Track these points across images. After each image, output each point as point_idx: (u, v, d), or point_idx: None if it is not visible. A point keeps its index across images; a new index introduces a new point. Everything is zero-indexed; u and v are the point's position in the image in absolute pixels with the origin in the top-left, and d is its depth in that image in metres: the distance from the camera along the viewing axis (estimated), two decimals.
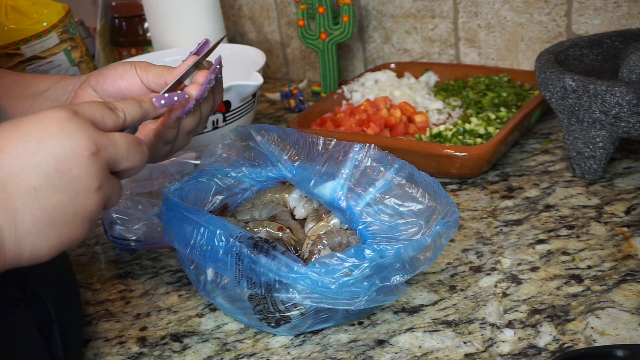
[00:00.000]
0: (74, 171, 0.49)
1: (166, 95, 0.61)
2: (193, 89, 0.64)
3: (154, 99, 0.59)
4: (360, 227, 0.66)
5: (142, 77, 0.67)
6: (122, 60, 0.69)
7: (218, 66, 0.65)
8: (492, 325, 0.65)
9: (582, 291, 0.68)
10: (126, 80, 0.67)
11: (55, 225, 0.49)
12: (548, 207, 0.83)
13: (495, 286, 0.70)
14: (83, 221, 0.51)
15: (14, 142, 0.48)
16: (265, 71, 1.47)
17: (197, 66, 0.65)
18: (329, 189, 0.69)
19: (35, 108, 0.72)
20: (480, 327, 0.65)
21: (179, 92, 0.62)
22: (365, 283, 0.60)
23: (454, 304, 0.69)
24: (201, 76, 0.64)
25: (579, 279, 0.70)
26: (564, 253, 0.74)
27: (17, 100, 0.72)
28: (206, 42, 0.66)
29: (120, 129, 0.55)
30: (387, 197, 0.67)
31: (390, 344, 0.64)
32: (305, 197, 0.76)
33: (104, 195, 0.52)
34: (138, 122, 0.58)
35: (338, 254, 0.60)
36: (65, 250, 0.60)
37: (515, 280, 0.71)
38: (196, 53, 0.66)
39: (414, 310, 0.69)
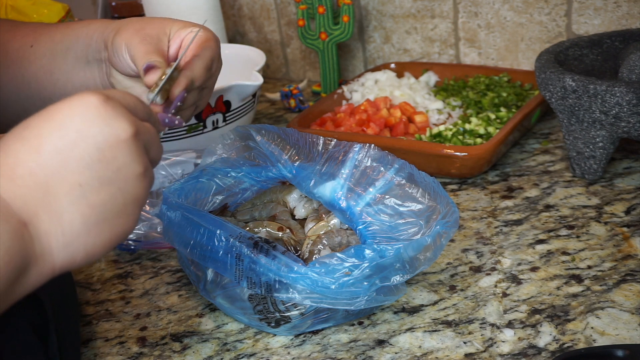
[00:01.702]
0: (119, 159, 0.46)
1: (170, 115, 0.60)
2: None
3: (159, 115, 0.59)
4: (360, 227, 0.66)
5: (131, 62, 0.66)
6: (120, 34, 0.67)
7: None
8: (492, 325, 0.65)
9: (582, 291, 0.68)
10: (131, 69, 0.67)
11: (107, 220, 0.46)
12: (548, 207, 0.83)
13: (495, 286, 0.70)
14: (134, 209, 0.48)
15: (51, 137, 0.45)
16: (265, 71, 1.47)
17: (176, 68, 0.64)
18: (329, 189, 0.69)
19: (89, 77, 0.72)
20: (480, 327, 0.65)
21: (179, 118, 0.61)
22: (365, 283, 0.60)
23: (454, 304, 0.69)
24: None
25: (579, 279, 0.70)
26: (564, 253, 0.74)
27: (68, 71, 0.71)
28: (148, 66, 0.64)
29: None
30: (387, 197, 0.67)
31: (390, 344, 0.64)
32: (305, 197, 0.76)
33: (150, 179, 0.50)
34: None
35: (338, 254, 0.60)
36: None
37: (515, 280, 0.71)
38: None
39: (414, 310, 0.69)
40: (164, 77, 0.61)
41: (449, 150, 0.89)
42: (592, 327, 0.63)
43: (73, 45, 0.72)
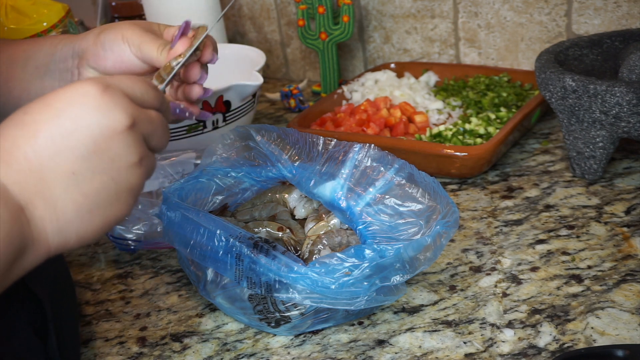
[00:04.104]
0: (113, 149, 0.47)
1: (182, 106, 0.63)
2: (195, 110, 0.66)
3: (171, 104, 0.60)
4: (360, 227, 0.66)
5: (136, 55, 0.65)
6: (109, 31, 0.66)
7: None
8: (492, 325, 0.65)
9: (582, 291, 0.68)
10: (126, 63, 0.66)
11: (100, 208, 0.47)
12: (548, 207, 0.83)
13: (495, 286, 0.70)
14: (127, 197, 0.49)
15: (48, 124, 0.46)
16: (265, 71, 1.47)
17: (197, 49, 0.63)
18: (329, 189, 0.69)
19: (47, 87, 0.69)
20: (480, 327, 0.65)
21: (190, 109, 0.63)
22: (365, 283, 0.60)
23: (454, 304, 0.69)
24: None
25: (579, 279, 0.70)
26: (564, 253, 0.74)
27: (25, 80, 0.70)
28: (187, 23, 0.64)
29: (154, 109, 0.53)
30: (387, 197, 0.67)
31: (390, 344, 0.64)
32: (305, 197, 0.76)
33: (146, 168, 0.50)
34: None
35: (338, 254, 0.60)
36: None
37: (515, 280, 0.71)
38: (182, 34, 0.64)
39: (414, 310, 0.69)
40: (180, 58, 0.61)
41: (449, 150, 0.89)
42: (592, 327, 0.63)
43: (35, 54, 0.71)
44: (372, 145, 0.70)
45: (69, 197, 0.46)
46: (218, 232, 0.64)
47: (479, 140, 0.96)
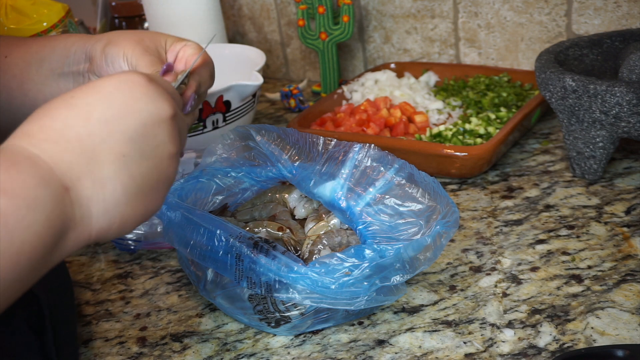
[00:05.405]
0: (159, 136, 0.49)
1: (189, 106, 0.63)
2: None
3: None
4: (360, 227, 0.66)
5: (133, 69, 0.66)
6: (114, 46, 0.67)
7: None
8: (492, 325, 0.65)
9: (582, 291, 0.68)
10: None
11: (143, 194, 0.48)
12: (548, 207, 0.83)
13: (495, 286, 0.70)
14: (164, 188, 0.50)
15: (99, 107, 0.47)
16: (265, 71, 1.47)
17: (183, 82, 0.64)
18: (329, 189, 0.69)
19: (62, 89, 0.70)
20: (480, 327, 0.65)
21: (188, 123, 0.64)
22: (365, 283, 0.60)
23: (454, 304, 0.69)
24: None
25: (579, 279, 0.70)
26: (564, 253, 0.74)
27: (40, 82, 0.71)
28: (168, 66, 0.64)
29: None
30: (387, 197, 0.67)
31: (390, 344, 0.64)
32: (305, 197, 0.76)
33: (178, 163, 0.52)
34: None
35: (338, 254, 0.60)
36: None
37: (515, 280, 0.71)
38: (167, 71, 0.64)
39: (414, 310, 0.69)
40: (174, 83, 0.62)
41: (449, 150, 0.89)
42: (592, 327, 0.63)
43: (48, 56, 0.71)
44: (372, 145, 0.70)
45: (118, 178, 0.47)
46: (218, 232, 0.64)
47: (479, 140, 0.96)
